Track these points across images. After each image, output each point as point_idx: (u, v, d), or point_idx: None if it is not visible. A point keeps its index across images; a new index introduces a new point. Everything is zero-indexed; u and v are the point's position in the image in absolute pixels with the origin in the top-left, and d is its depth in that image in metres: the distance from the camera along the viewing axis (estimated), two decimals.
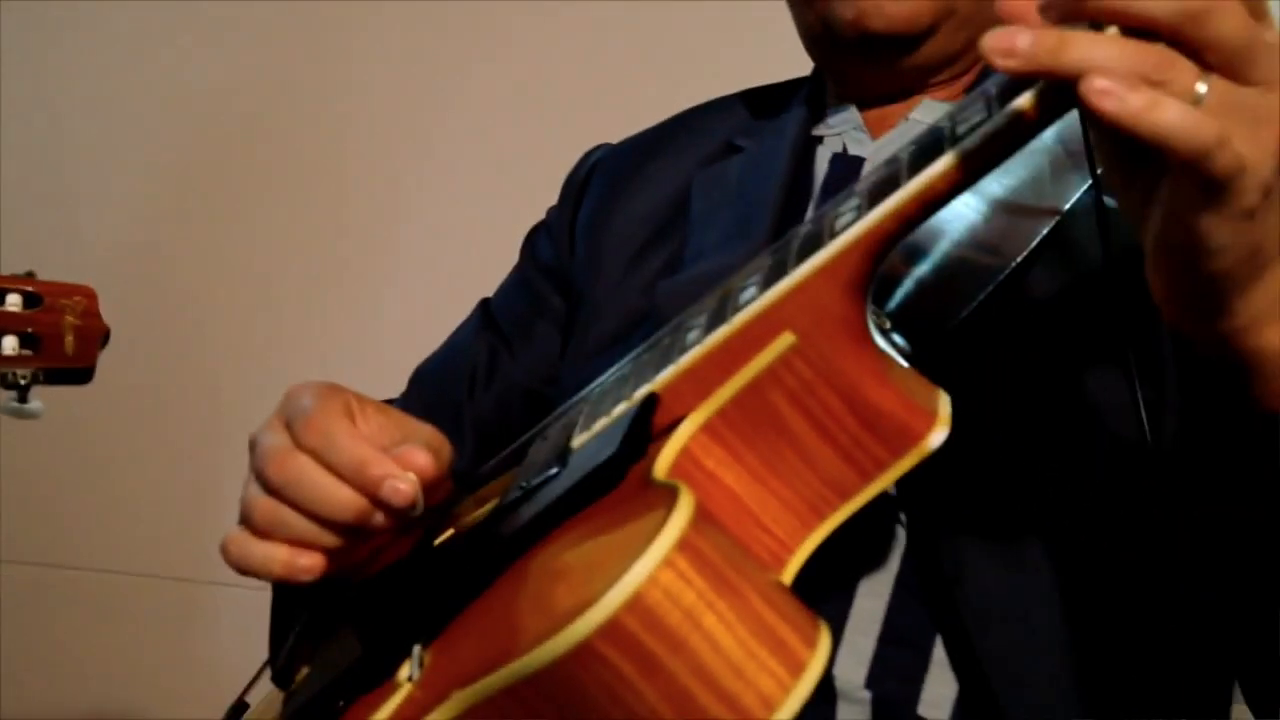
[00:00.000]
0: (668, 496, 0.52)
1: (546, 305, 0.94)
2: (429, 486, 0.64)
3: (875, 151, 0.82)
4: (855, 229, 0.56)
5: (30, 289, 0.90)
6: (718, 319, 0.60)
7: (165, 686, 1.67)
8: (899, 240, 0.57)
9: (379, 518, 0.64)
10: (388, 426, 0.68)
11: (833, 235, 0.57)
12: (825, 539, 0.58)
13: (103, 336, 0.92)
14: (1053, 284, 0.70)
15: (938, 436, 0.57)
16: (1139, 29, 0.46)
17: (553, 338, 0.92)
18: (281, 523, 0.65)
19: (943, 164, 0.53)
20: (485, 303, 0.99)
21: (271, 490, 0.65)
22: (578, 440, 0.64)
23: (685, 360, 0.60)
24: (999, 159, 0.53)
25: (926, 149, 0.56)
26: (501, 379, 0.93)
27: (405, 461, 0.63)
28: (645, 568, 0.48)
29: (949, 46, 0.80)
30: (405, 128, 1.65)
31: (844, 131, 0.85)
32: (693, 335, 0.61)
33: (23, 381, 0.89)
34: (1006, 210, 0.71)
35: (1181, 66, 0.46)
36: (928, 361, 0.62)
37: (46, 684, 1.71)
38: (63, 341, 0.90)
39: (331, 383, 0.71)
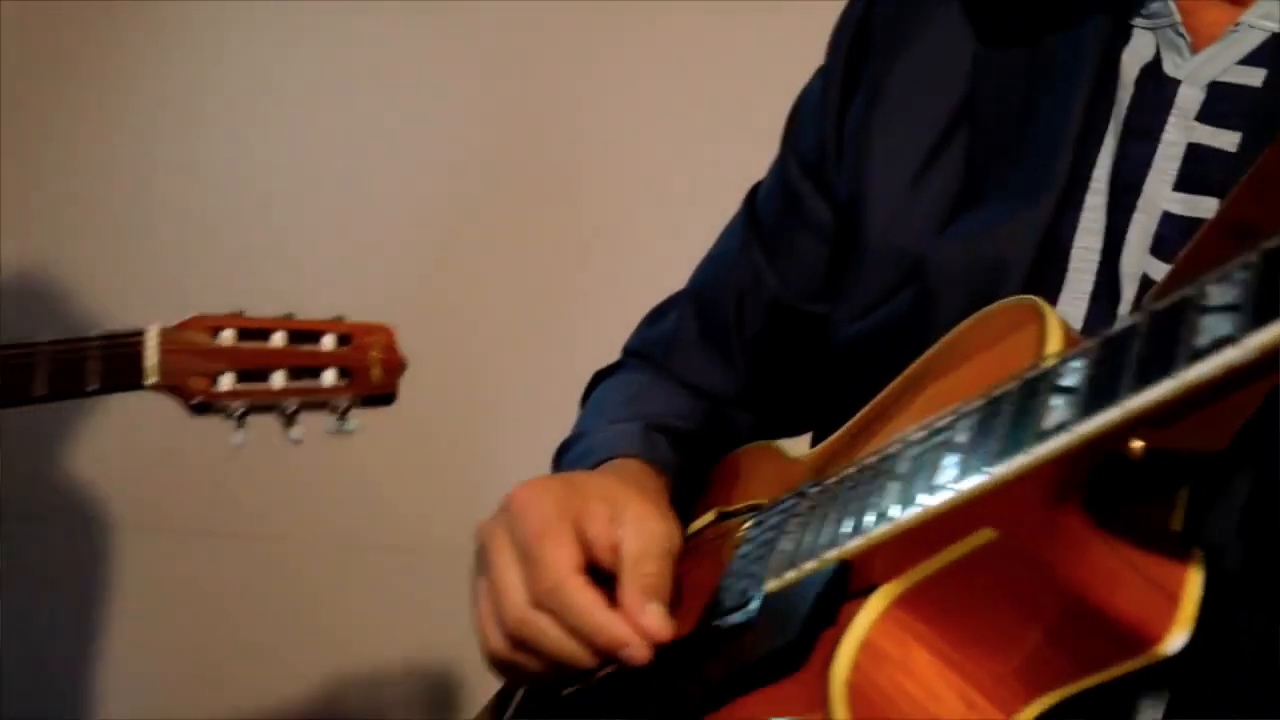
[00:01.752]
0: None
1: (809, 215, 0.86)
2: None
3: (1193, 72, 0.69)
4: (1061, 439, 0.48)
5: (341, 330, 1.09)
6: (911, 493, 0.57)
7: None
8: (1120, 443, 0.48)
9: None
10: (619, 524, 0.70)
11: (1039, 437, 0.50)
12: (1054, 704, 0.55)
13: (401, 366, 1.09)
14: None
15: (1175, 643, 0.50)
16: None
17: (816, 252, 0.86)
18: (521, 666, 0.70)
19: (1169, 387, 0.43)
20: (752, 198, 0.93)
21: (512, 639, 0.69)
22: (772, 582, 0.65)
23: (875, 534, 0.58)
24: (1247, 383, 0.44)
25: (1161, 344, 0.46)
26: (767, 296, 0.89)
27: (642, 629, 0.66)
28: None
29: None
30: (659, 153, 1.80)
31: (1159, 29, 0.71)
32: (887, 500, 0.58)
33: (342, 406, 1.09)
34: None
35: None
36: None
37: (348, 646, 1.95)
38: (370, 373, 1.09)
39: (557, 485, 0.73)
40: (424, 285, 1.85)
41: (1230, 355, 0.40)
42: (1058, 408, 0.49)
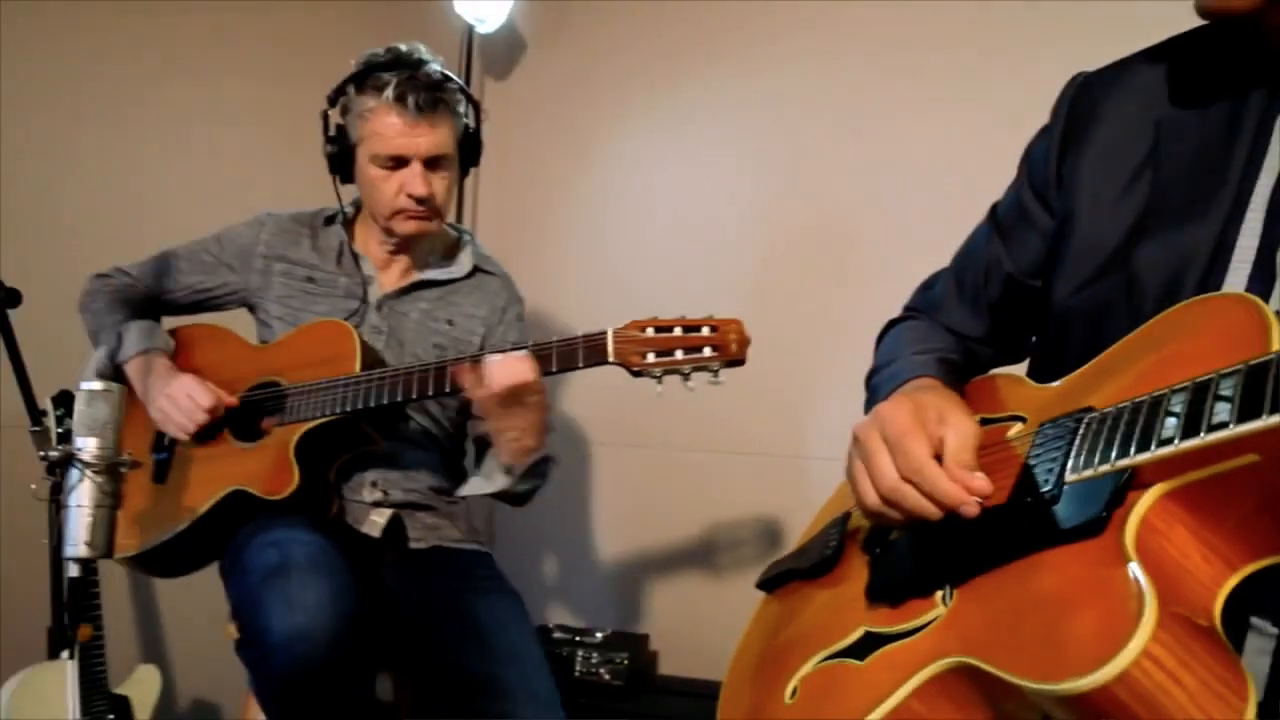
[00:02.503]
0: (1139, 596, 0.61)
1: (1034, 220, 1.01)
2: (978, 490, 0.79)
3: None
4: None
5: (712, 324, 1.47)
6: (1193, 426, 0.64)
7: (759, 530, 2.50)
8: None
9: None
10: (943, 425, 0.83)
11: None
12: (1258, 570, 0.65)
13: (748, 342, 1.45)
14: None
15: None
16: None
17: (1037, 246, 1.01)
18: (888, 517, 0.85)
19: None
20: (994, 210, 1.09)
21: (885, 500, 0.84)
22: (1072, 475, 0.74)
23: (1160, 453, 0.67)
24: None
25: None
26: (1003, 272, 1.05)
27: (974, 489, 0.79)
28: (1129, 656, 0.59)
29: None
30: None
31: None
32: (1168, 430, 0.67)
33: (715, 368, 1.47)
34: None
35: None
36: None
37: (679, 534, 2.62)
38: (730, 348, 1.46)
39: (907, 403, 0.86)
40: (759, 294, 2.51)
41: None
42: None
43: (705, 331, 1.47)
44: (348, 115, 1.78)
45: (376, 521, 1.77)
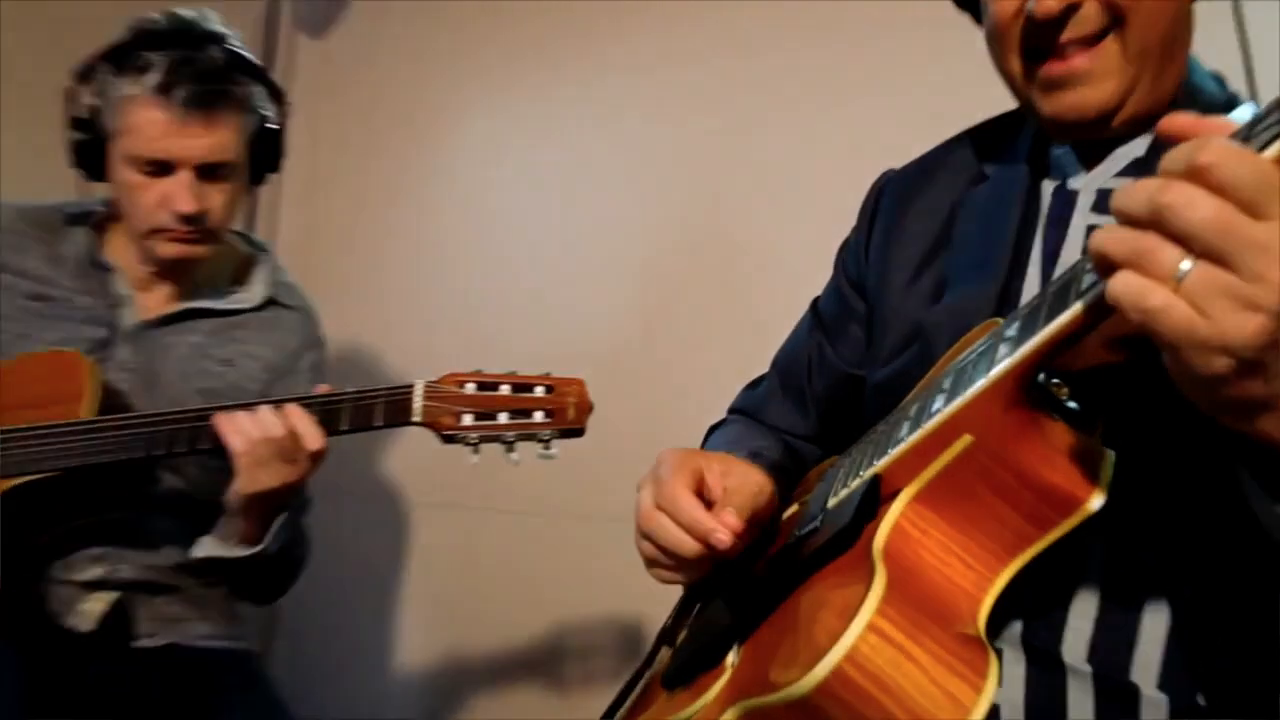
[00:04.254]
0: (869, 575, 0.65)
1: (854, 311, 1.11)
2: (739, 535, 0.85)
3: (1087, 184, 0.94)
4: (1005, 364, 0.66)
5: (547, 383, 1.32)
6: (917, 422, 0.73)
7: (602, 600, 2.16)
8: (1044, 366, 0.66)
9: (709, 554, 0.86)
10: (727, 477, 0.91)
11: (991, 365, 0.68)
12: (1023, 567, 0.68)
13: (589, 409, 1.31)
14: None
15: (1096, 502, 0.65)
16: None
17: (859, 335, 1.10)
18: (653, 556, 0.91)
19: (1070, 314, 0.61)
20: (816, 302, 1.19)
21: (644, 535, 0.90)
22: (832, 501, 0.82)
23: (895, 452, 0.74)
24: (1108, 314, 0.59)
25: (1061, 297, 0.62)
26: (829, 366, 1.13)
27: (724, 521, 0.85)
28: (854, 632, 0.62)
29: (1137, 110, 0.89)
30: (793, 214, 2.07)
31: (1064, 167, 0.96)
32: (902, 431, 0.75)
33: (546, 437, 1.32)
34: None
35: (1164, 251, 0.53)
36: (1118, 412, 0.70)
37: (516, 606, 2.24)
38: (567, 414, 1.31)
39: (689, 451, 0.94)
40: (631, 325, 2.16)
41: (1077, 307, 0.60)
42: (1004, 349, 0.67)
43: (539, 392, 1.33)
44: (103, 96, 1.45)
45: (89, 611, 1.44)
